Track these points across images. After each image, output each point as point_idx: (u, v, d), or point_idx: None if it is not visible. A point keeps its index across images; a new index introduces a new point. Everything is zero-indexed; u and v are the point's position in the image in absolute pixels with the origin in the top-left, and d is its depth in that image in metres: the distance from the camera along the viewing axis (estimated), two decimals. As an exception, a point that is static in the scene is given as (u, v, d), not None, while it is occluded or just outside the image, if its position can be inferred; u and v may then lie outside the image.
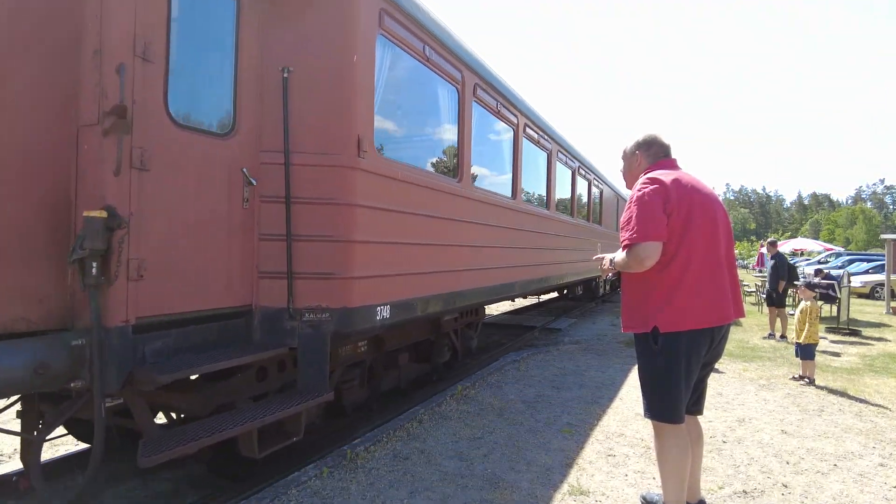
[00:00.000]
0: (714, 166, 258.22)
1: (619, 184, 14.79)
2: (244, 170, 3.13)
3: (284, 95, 3.21)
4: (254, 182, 3.17)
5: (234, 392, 3.18)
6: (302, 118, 3.27)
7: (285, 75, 3.21)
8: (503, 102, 6.07)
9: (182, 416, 3.42)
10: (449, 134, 5.00)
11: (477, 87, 5.33)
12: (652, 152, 2.81)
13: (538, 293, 9.95)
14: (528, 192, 7.31)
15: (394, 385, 5.12)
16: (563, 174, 9.17)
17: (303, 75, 3.26)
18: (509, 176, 6.58)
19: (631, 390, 5.54)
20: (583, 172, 10.67)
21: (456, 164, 5.03)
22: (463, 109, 5.09)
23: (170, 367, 2.56)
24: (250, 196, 3.19)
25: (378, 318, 3.60)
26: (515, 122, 6.60)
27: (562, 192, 9.13)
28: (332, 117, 3.33)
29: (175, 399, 3.03)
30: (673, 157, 2.82)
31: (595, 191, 12.11)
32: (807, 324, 6.10)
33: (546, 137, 8.00)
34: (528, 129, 7.07)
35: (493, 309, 12.52)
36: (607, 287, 15.78)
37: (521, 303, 13.87)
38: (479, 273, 5.41)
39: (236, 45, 3.09)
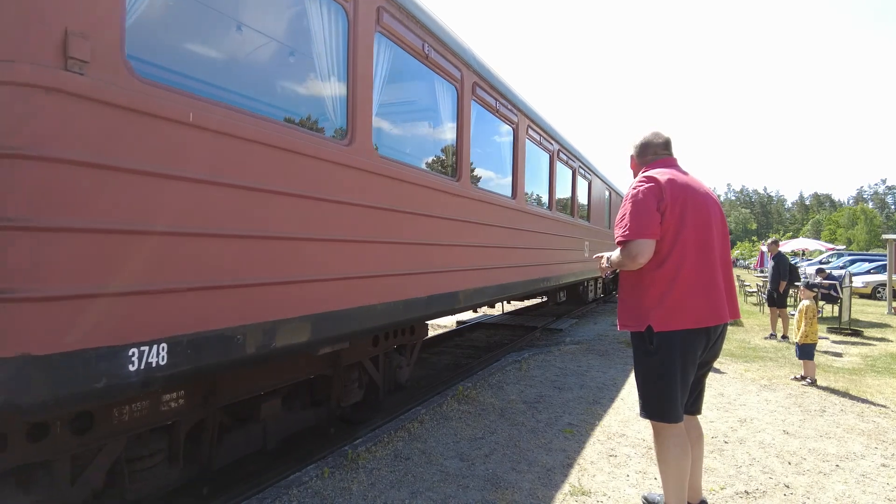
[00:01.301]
0: (714, 166, 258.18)
1: (612, 175, 13.99)
2: None
3: None
4: None
5: None
6: None
7: None
8: (436, 47, 4.37)
9: None
10: (331, 75, 3.32)
11: (381, 11, 3.67)
12: (642, 154, 2.84)
13: (498, 302, 7.45)
14: (482, 176, 5.70)
15: (257, 447, 3.60)
16: (536, 157, 7.55)
17: None
18: (452, 152, 5.01)
19: (632, 391, 5.45)
20: (564, 158, 8.92)
21: (345, 121, 3.38)
22: (354, 38, 3.36)
23: None
24: None
25: (133, 368, 2.05)
26: (459, 76, 4.90)
27: (536, 179, 7.60)
28: None
29: None
30: (672, 153, 2.82)
31: (581, 181, 10.29)
32: (803, 324, 6.09)
33: (510, 107, 6.19)
34: (479, 91, 5.31)
35: (493, 308, 12.22)
36: (599, 291, 13.95)
37: (523, 303, 13.62)
38: (395, 281, 3.81)
39: None
